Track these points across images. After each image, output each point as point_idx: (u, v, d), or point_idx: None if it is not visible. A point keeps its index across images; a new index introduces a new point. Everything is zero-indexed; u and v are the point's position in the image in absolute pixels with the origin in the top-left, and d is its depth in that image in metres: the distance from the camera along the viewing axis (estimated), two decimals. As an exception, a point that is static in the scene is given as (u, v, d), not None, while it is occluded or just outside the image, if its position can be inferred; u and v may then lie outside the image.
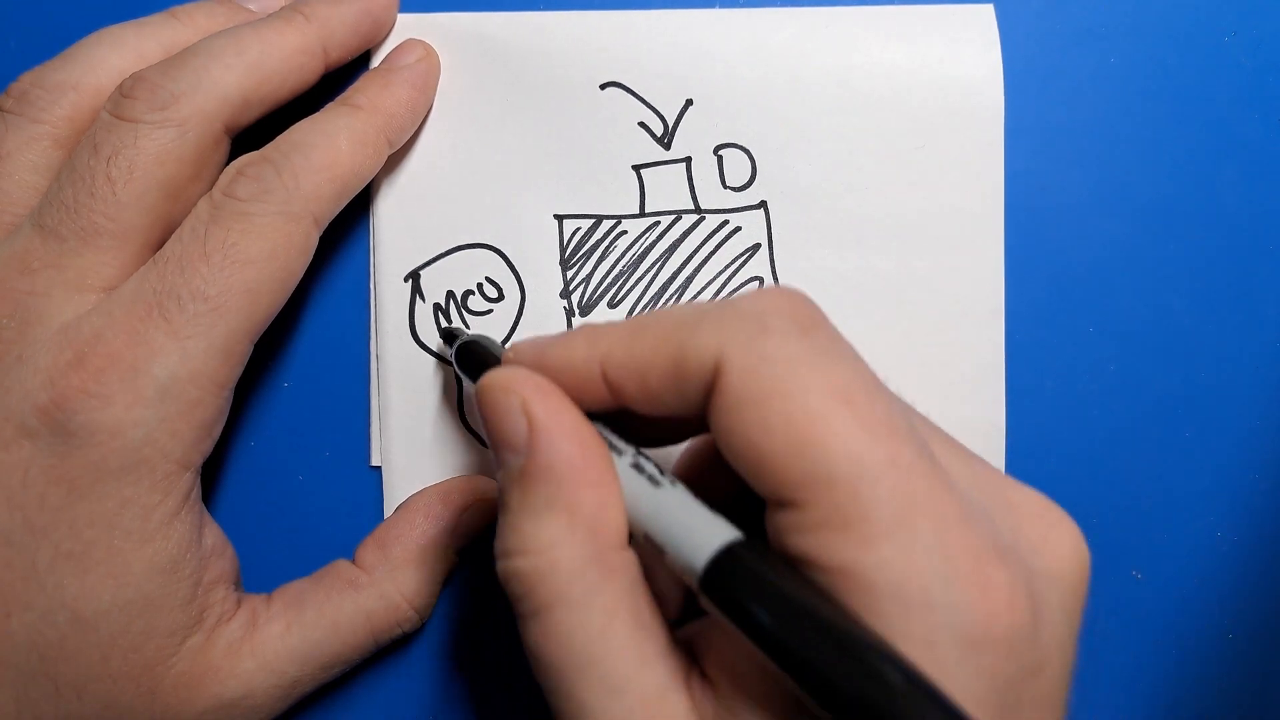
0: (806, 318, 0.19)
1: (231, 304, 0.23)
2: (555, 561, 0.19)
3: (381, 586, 0.26)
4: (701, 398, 0.19)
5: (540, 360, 0.21)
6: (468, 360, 0.25)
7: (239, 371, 0.24)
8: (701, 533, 0.18)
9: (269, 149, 0.25)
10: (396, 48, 0.28)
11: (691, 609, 0.21)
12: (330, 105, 0.26)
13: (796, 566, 0.18)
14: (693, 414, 0.19)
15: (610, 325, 0.21)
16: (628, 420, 0.21)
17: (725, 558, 0.18)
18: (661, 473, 0.20)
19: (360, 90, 0.27)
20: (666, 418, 0.20)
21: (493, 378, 0.21)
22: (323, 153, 0.25)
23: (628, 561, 0.20)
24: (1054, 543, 0.19)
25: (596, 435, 0.20)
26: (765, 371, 0.18)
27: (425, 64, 0.28)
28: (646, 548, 0.20)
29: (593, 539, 0.19)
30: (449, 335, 0.27)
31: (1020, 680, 0.17)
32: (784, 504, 0.18)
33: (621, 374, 0.20)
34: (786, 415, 0.17)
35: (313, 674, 0.25)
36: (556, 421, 0.20)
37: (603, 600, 0.19)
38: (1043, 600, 0.18)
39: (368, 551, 0.27)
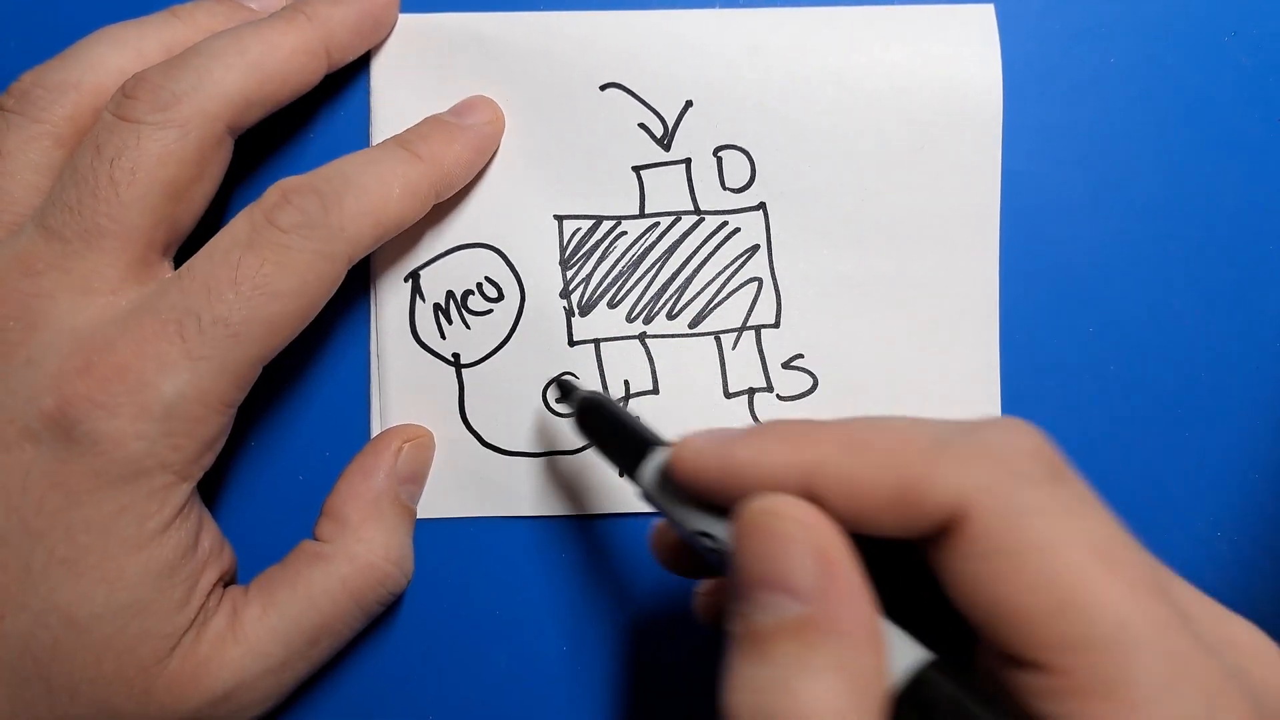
0: (1058, 464, 0.18)
1: (251, 333, 0.23)
2: None
3: (348, 550, 0.26)
4: (928, 535, 0.18)
5: (727, 460, 0.19)
6: (596, 425, 0.24)
7: (245, 393, 0.24)
8: (898, 652, 0.17)
9: (320, 180, 0.24)
10: (469, 101, 0.28)
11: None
12: (390, 144, 0.26)
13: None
14: (904, 540, 0.18)
15: (815, 428, 0.19)
16: None
17: (924, 681, 0.17)
18: None
19: (424, 138, 0.26)
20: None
21: (778, 505, 0.18)
22: (373, 197, 0.24)
23: None
24: (1274, 682, 0.18)
25: (870, 588, 0.18)
26: (1021, 523, 0.17)
27: (491, 129, 0.28)
28: None
29: (871, 709, 0.17)
30: (564, 389, 0.26)
31: None
32: (1035, 665, 0.16)
33: (833, 492, 0.18)
34: (1046, 572, 0.16)
35: (300, 652, 0.25)
36: (850, 573, 0.18)
37: None
38: None
39: (323, 526, 0.27)
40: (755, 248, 0.29)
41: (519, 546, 0.29)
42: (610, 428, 0.23)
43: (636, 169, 0.29)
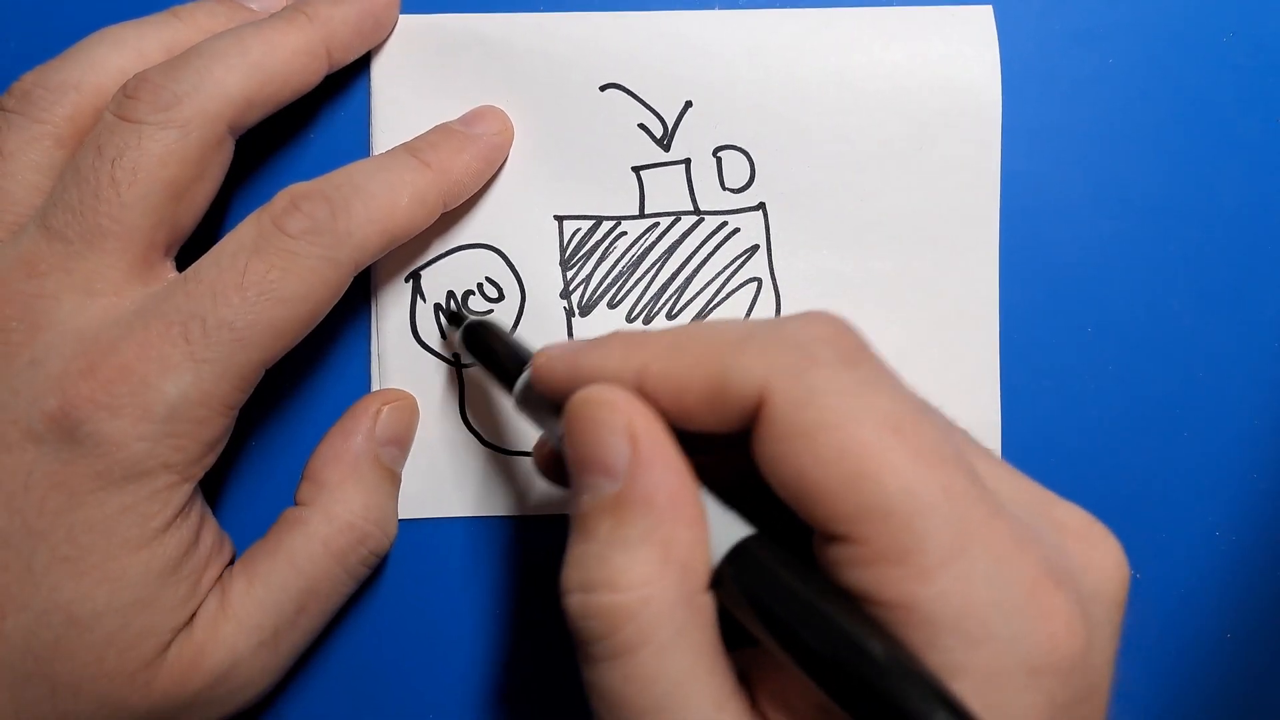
0: (852, 347, 0.19)
1: (255, 338, 0.23)
2: (647, 600, 0.18)
3: (327, 511, 0.26)
4: (741, 422, 0.19)
5: (574, 366, 0.21)
6: (479, 346, 0.25)
7: (248, 395, 0.24)
8: (722, 529, 0.19)
9: (329, 186, 0.24)
10: (479, 111, 0.28)
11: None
12: (399, 152, 0.26)
13: (850, 596, 0.18)
14: (729, 433, 0.19)
15: (648, 336, 0.20)
16: None
17: (741, 551, 0.18)
18: None
19: (433, 146, 0.26)
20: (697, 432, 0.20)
21: (595, 393, 0.20)
22: (381, 205, 0.25)
23: (709, 603, 0.19)
24: (1099, 561, 0.19)
25: (691, 469, 0.19)
26: (814, 403, 0.17)
27: (501, 139, 0.28)
28: None
29: (685, 579, 0.18)
30: (454, 318, 0.27)
31: (1075, 704, 0.17)
32: (837, 537, 0.17)
33: (658, 389, 0.19)
34: (837, 448, 0.17)
35: (290, 619, 0.25)
36: (660, 450, 0.19)
37: (688, 644, 0.18)
38: (1094, 622, 0.18)
39: (303, 489, 0.27)
40: (755, 248, 0.29)
41: (519, 546, 0.29)
42: (490, 349, 0.25)
43: (636, 169, 0.29)
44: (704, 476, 0.20)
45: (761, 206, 0.29)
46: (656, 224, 0.29)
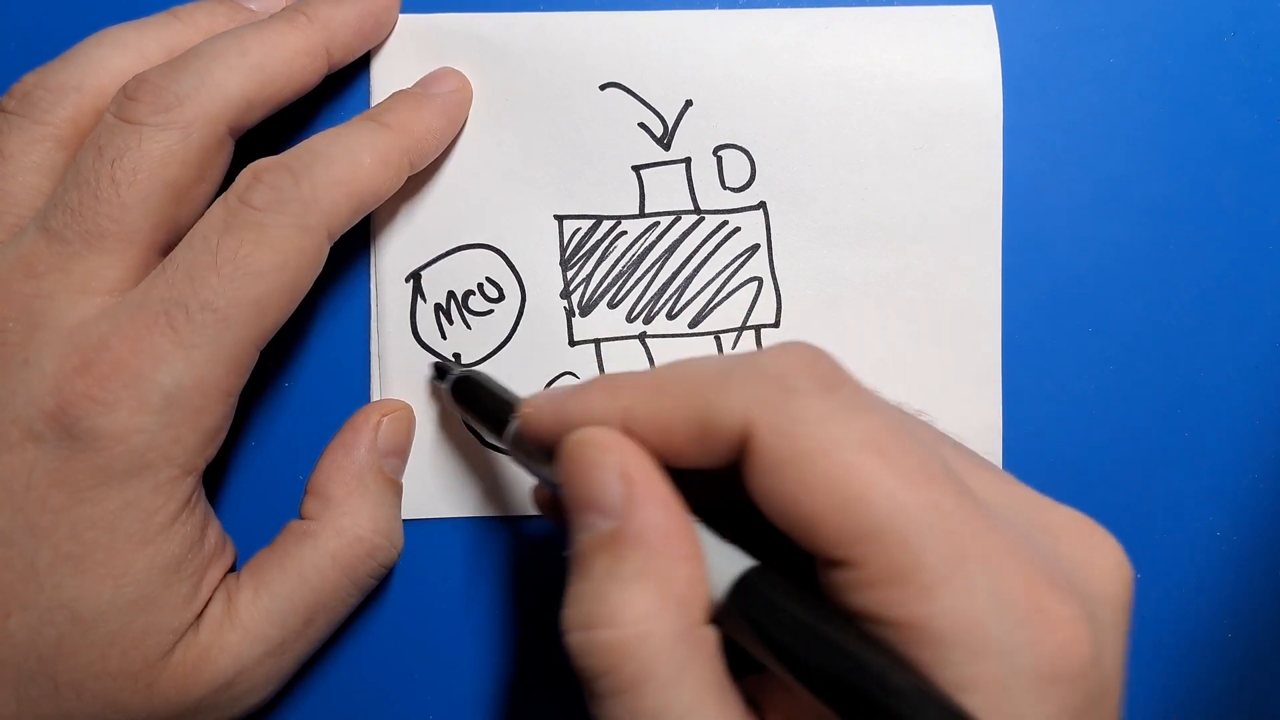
0: (830, 374, 0.19)
1: (239, 315, 0.23)
2: (646, 635, 0.18)
3: (335, 524, 0.26)
4: (728, 457, 0.19)
5: (560, 413, 0.21)
6: (467, 399, 0.26)
7: (244, 379, 0.24)
8: (723, 562, 0.19)
9: (289, 156, 0.24)
10: (432, 74, 0.28)
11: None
12: (357, 120, 0.26)
13: (854, 618, 0.18)
14: (718, 469, 0.19)
15: (629, 378, 0.20)
16: None
17: (745, 584, 0.18)
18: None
19: (390, 109, 0.27)
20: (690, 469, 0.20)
21: (588, 435, 0.20)
22: (344, 167, 0.25)
23: (711, 636, 0.19)
24: (1099, 563, 0.19)
25: (683, 505, 0.20)
26: (797, 432, 0.18)
27: (459, 95, 0.28)
28: None
29: (684, 613, 0.18)
30: (441, 371, 0.28)
31: (1089, 708, 0.17)
32: (836, 562, 0.17)
33: (645, 430, 0.20)
34: (824, 475, 0.17)
35: (297, 631, 0.25)
36: (653, 488, 0.19)
37: (692, 677, 0.18)
38: (1100, 625, 0.18)
39: (308, 504, 0.27)
40: (755, 247, 0.29)
41: (519, 546, 0.29)
42: (478, 400, 0.26)
43: (636, 168, 0.29)
44: (698, 510, 0.20)
45: (762, 206, 0.29)
46: (657, 223, 0.29)
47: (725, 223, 0.29)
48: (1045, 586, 0.17)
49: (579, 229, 0.29)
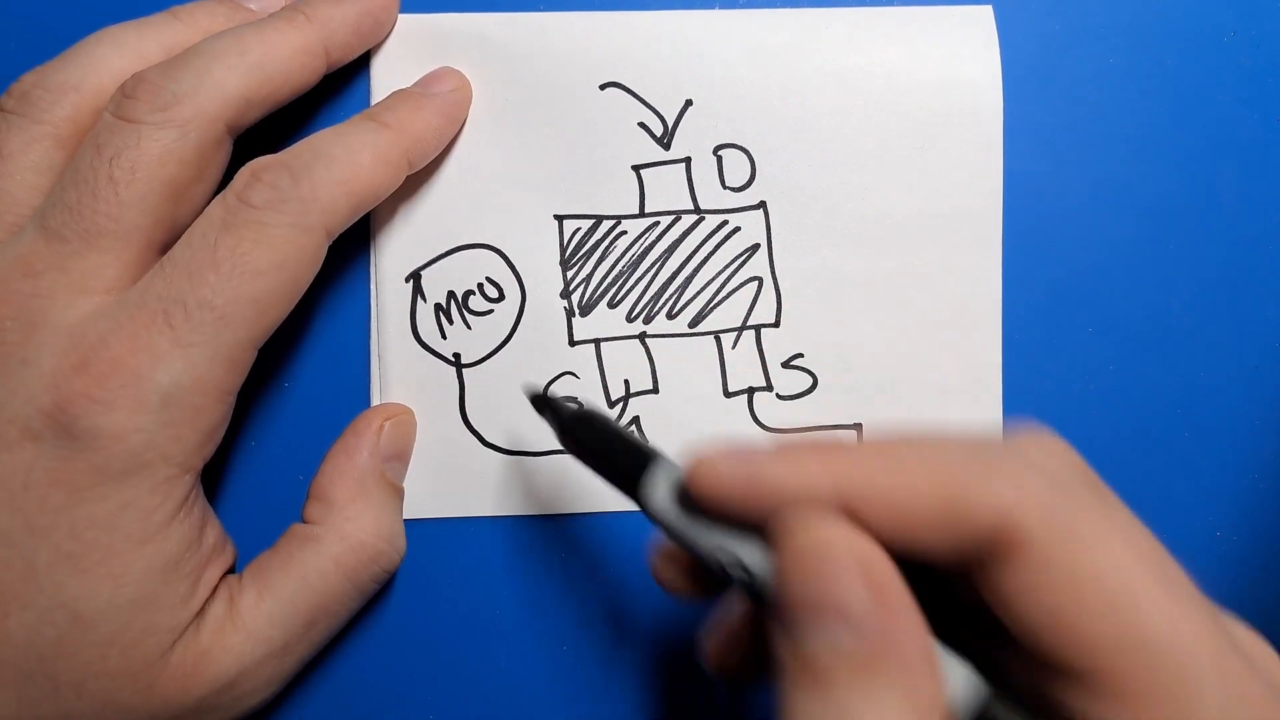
0: (1095, 478, 0.18)
1: (238, 314, 0.23)
2: None
3: (338, 529, 0.26)
4: (971, 554, 0.18)
5: (756, 480, 0.18)
6: (589, 443, 0.22)
7: (243, 378, 0.24)
8: (955, 679, 0.18)
9: (288, 155, 0.24)
10: (432, 73, 0.28)
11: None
12: (356, 118, 0.26)
13: None
14: (942, 559, 0.18)
15: (845, 447, 0.19)
16: None
17: (992, 711, 0.18)
18: None
19: (390, 108, 0.26)
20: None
21: (824, 536, 0.18)
22: (343, 166, 0.25)
23: None
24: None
25: (920, 612, 0.18)
26: (1080, 546, 0.17)
27: (458, 95, 0.28)
28: None
29: None
30: (539, 402, 0.24)
31: None
32: (1087, 671, 0.17)
33: (878, 512, 0.18)
34: (1110, 600, 0.17)
35: (299, 634, 0.25)
36: (901, 594, 0.17)
37: None
38: None
39: (311, 508, 0.27)
40: (755, 247, 0.29)
41: (520, 546, 0.29)
42: (605, 445, 0.22)
43: (636, 168, 0.29)
44: None
45: (762, 205, 0.29)
46: (657, 223, 0.29)
47: (725, 222, 0.29)
48: (1275, 708, 0.17)
49: (579, 229, 0.29)
